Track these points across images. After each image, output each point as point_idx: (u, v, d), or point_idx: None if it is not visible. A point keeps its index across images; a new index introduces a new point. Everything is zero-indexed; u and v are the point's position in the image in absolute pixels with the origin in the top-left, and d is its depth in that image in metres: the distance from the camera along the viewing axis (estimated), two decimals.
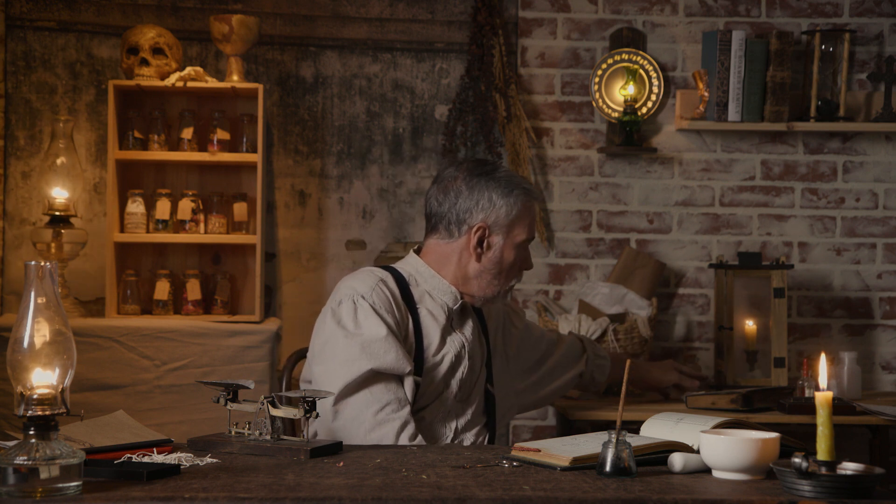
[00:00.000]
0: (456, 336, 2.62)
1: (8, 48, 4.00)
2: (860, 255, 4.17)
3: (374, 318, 2.47)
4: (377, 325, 2.46)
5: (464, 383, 2.61)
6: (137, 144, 3.88)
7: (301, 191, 4.11)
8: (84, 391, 3.51)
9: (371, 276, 2.55)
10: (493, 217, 2.58)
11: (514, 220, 2.59)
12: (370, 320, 2.47)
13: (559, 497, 1.80)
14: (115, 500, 1.74)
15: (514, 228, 2.60)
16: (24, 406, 1.77)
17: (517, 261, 2.62)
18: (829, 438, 1.82)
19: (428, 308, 2.59)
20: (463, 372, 2.60)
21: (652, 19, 4.13)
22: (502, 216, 2.58)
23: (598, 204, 4.14)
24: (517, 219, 2.60)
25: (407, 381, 2.47)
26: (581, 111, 4.14)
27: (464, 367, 2.60)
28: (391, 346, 2.45)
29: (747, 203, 4.15)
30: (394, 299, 2.53)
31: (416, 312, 2.57)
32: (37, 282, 1.81)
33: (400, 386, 2.46)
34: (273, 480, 1.88)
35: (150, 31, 3.81)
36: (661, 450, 2.09)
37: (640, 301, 3.91)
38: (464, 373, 2.60)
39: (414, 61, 4.14)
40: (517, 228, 2.60)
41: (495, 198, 2.58)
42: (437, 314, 2.60)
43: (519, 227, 2.60)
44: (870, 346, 4.17)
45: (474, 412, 2.64)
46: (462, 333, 2.64)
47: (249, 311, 3.98)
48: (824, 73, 4.07)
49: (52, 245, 3.75)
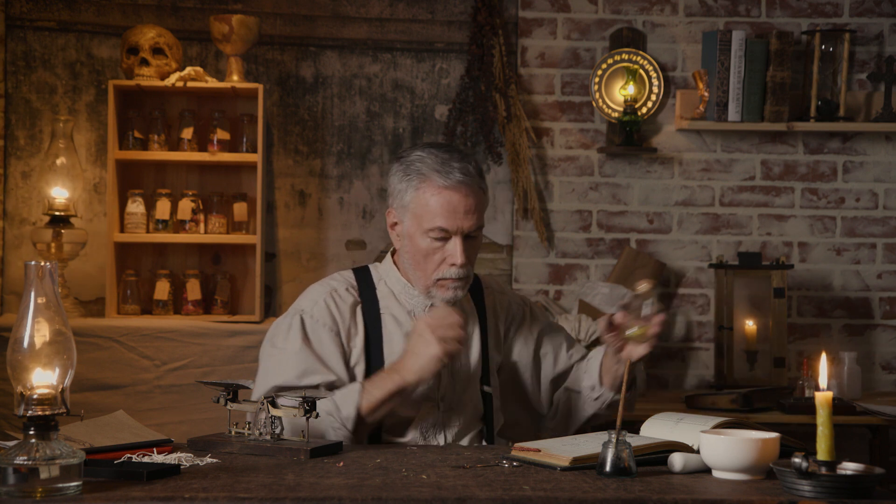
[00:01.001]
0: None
1: (8, 48, 4.00)
2: (860, 255, 4.17)
3: (298, 334, 2.43)
4: (296, 340, 2.42)
5: (445, 392, 2.48)
6: (137, 144, 3.88)
7: (301, 191, 4.11)
8: (84, 391, 3.51)
9: (321, 290, 2.49)
10: (399, 201, 2.44)
11: (416, 204, 2.40)
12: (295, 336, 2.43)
13: (559, 497, 1.79)
14: (115, 500, 1.74)
15: (417, 214, 2.40)
16: (24, 406, 1.77)
17: (431, 251, 2.40)
18: (829, 438, 1.82)
19: (393, 314, 2.49)
20: (441, 380, 2.46)
21: (652, 19, 4.13)
22: (407, 200, 2.42)
23: (598, 204, 4.14)
24: (418, 204, 2.40)
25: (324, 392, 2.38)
26: (581, 111, 4.14)
27: (441, 374, 2.45)
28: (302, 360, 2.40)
29: (747, 203, 4.15)
30: (339, 312, 2.45)
31: (379, 320, 2.47)
32: (37, 282, 1.81)
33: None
34: (273, 480, 1.88)
35: (150, 31, 3.81)
36: (661, 450, 2.09)
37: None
38: (442, 381, 2.46)
39: (414, 61, 4.14)
40: (421, 214, 2.40)
41: (396, 181, 2.44)
42: (401, 319, 2.48)
43: (423, 213, 2.39)
44: (870, 346, 4.17)
45: (467, 419, 2.50)
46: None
47: (249, 311, 3.98)
48: (824, 73, 4.07)
49: (52, 245, 3.75)
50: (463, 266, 2.41)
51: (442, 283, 2.43)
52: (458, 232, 2.39)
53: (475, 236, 2.44)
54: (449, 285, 2.43)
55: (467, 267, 2.42)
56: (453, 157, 2.42)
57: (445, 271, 2.41)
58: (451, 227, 2.38)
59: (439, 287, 2.43)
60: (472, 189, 2.40)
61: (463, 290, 2.45)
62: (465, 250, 2.40)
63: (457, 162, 2.40)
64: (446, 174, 2.38)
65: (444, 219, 2.38)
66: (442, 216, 2.38)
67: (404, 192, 2.42)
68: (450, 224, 2.38)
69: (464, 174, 2.39)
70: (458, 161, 2.41)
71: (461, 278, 2.42)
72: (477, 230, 2.43)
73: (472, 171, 2.41)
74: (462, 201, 2.38)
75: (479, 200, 2.42)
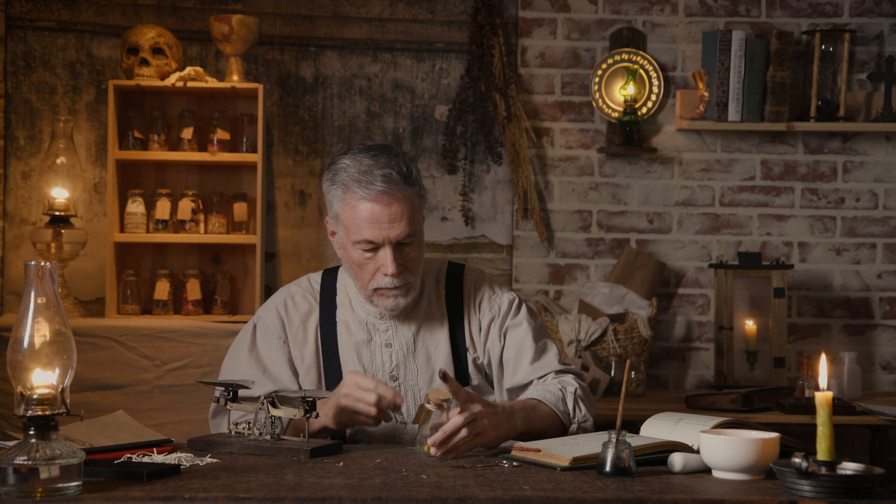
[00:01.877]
0: (378, 354, 2.43)
1: (8, 48, 4.00)
2: (860, 255, 4.17)
3: (247, 342, 2.45)
4: (244, 347, 2.45)
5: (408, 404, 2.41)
6: (137, 144, 3.88)
7: (301, 191, 4.11)
8: (84, 391, 3.51)
9: (279, 297, 2.50)
10: (331, 210, 2.39)
11: (343, 215, 2.34)
12: (244, 342, 2.46)
13: (559, 497, 1.79)
14: (115, 500, 1.74)
15: (346, 225, 2.34)
16: (24, 406, 1.77)
17: (364, 262, 2.34)
18: (829, 438, 1.82)
19: (347, 321, 2.45)
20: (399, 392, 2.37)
21: (652, 19, 4.13)
22: (336, 210, 2.36)
23: (598, 204, 4.13)
24: (345, 215, 2.34)
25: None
26: (581, 111, 4.14)
27: (392, 387, 2.37)
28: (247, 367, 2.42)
29: (747, 203, 4.15)
30: (289, 320, 2.44)
31: (335, 328, 2.45)
32: (37, 282, 1.81)
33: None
34: (273, 480, 1.88)
35: (150, 31, 3.81)
36: (661, 450, 2.09)
37: (640, 301, 3.91)
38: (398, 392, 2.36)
39: (414, 61, 4.14)
40: (348, 226, 2.34)
41: (326, 190, 2.39)
42: (353, 328, 2.44)
43: (350, 225, 2.33)
44: (870, 346, 4.17)
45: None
46: (390, 349, 2.43)
47: (249, 311, 3.98)
48: (824, 73, 4.07)
49: (52, 245, 3.75)
50: (397, 275, 2.33)
51: (380, 292, 2.36)
52: (386, 241, 2.31)
53: (409, 243, 2.35)
54: (388, 293, 2.36)
55: (403, 274, 2.35)
56: (378, 162, 2.32)
57: (380, 281, 2.34)
58: (377, 237, 2.31)
59: (379, 296, 2.37)
60: (396, 197, 2.31)
61: (406, 296, 2.38)
62: (396, 258, 2.32)
63: (380, 168, 2.30)
64: (367, 184, 2.29)
65: (369, 230, 2.31)
66: (367, 228, 2.31)
67: (332, 202, 2.37)
68: (375, 235, 2.31)
69: (386, 182, 2.29)
70: (381, 167, 2.31)
71: (398, 286, 2.35)
72: (409, 237, 2.34)
73: (396, 178, 2.30)
74: (384, 211, 2.30)
75: (406, 206, 2.32)
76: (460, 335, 2.46)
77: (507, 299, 2.50)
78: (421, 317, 2.46)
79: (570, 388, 2.39)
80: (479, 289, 2.51)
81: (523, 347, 2.46)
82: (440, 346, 2.45)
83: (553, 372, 2.45)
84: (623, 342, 3.82)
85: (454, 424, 2.11)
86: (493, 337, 2.47)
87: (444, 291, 2.49)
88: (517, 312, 2.49)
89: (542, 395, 2.37)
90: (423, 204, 2.41)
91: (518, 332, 2.47)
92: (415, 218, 2.35)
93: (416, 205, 2.35)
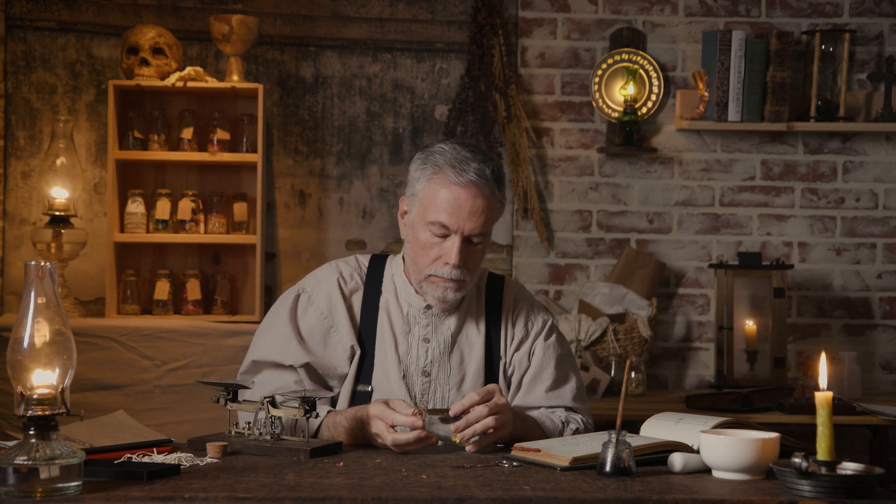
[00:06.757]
0: (415, 347, 2.43)
1: (8, 48, 4.00)
2: (860, 255, 4.17)
3: (287, 311, 2.44)
4: (284, 316, 2.43)
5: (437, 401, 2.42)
6: (137, 144, 3.88)
7: (301, 191, 4.11)
8: (84, 391, 3.51)
9: (328, 270, 2.49)
10: (411, 189, 2.41)
11: (425, 194, 2.36)
12: (284, 311, 2.44)
13: (559, 497, 1.79)
14: (115, 500, 1.74)
15: (424, 204, 2.36)
16: (24, 406, 1.77)
17: (429, 245, 2.35)
18: (829, 438, 1.82)
19: (389, 310, 2.45)
20: (425, 387, 2.41)
21: (652, 19, 4.13)
22: (418, 189, 2.38)
23: (598, 204, 4.14)
24: (427, 194, 2.35)
25: (301, 373, 2.39)
26: (581, 111, 4.14)
27: (423, 382, 2.41)
28: (284, 336, 2.41)
29: (747, 203, 4.15)
30: (336, 296, 2.44)
31: (376, 312, 2.45)
32: (37, 282, 1.81)
33: (292, 375, 2.40)
34: (273, 480, 1.88)
35: (150, 31, 3.81)
36: (661, 450, 2.09)
37: (640, 301, 3.91)
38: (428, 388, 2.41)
39: (414, 61, 4.14)
40: (427, 205, 2.35)
41: (414, 169, 2.41)
42: (394, 317, 2.45)
43: (430, 205, 2.34)
44: (870, 346, 4.17)
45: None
46: (428, 344, 2.44)
47: (249, 311, 3.98)
48: (824, 73, 4.07)
49: (52, 245, 3.75)
50: (457, 267, 2.34)
51: (433, 279, 2.37)
52: (459, 231, 2.33)
53: (477, 242, 2.37)
54: (440, 283, 2.37)
55: (462, 270, 2.35)
56: (475, 156, 2.36)
57: (439, 269, 2.36)
58: (452, 224, 2.33)
59: (430, 283, 2.38)
60: (483, 191, 2.34)
61: (455, 292, 2.38)
62: (461, 252, 2.34)
63: (475, 162, 2.34)
64: (460, 171, 2.33)
65: (448, 214, 2.33)
66: (446, 211, 2.33)
67: (417, 181, 2.39)
68: (451, 221, 2.33)
69: (478, 175, 2.33)
70: (477, 161, 2.35)
71: (454, 279, 2.36)
72: (480, 236, 2.36)
73: (489, 175, 2.34)
74: (469, 201, 2.33)
75: (488, 204, 2.35)
76: (496, 343, 2.49)
77: (541, 320, 2.53)
78: (461, 319, 2.47)
79: (572, 426, 2.44)
80: (519, 302, 2.54)
81: (543, 373, 2.48)
82: (475, 350, 2.46)
83: (563, 407, 2.47)
84: (623, 342, 3.82)
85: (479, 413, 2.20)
86: (521, 354, 2.49)
87: (485, 299, 2.51)
88: (548, 336, 2.51)
89: (542, 419, 2.42)
90: (500, 214, 2.43)
91: (543, 356, 2.49)
92: (491, 220, 2.39)
93: (495, 209, 2.39)
